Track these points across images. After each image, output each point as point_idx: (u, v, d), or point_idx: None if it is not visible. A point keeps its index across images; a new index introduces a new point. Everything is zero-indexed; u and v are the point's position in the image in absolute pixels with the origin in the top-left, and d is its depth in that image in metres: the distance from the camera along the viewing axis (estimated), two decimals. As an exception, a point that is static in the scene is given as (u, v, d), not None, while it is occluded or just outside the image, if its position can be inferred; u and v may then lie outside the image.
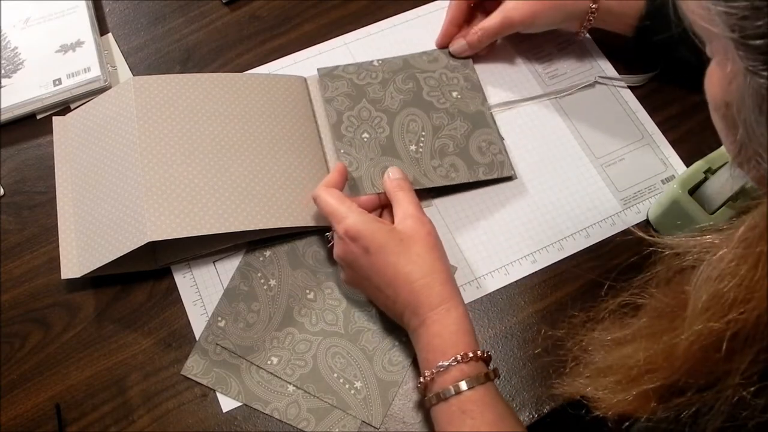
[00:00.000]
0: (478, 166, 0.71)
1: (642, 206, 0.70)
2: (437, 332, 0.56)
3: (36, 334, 0.65)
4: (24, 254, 0.68)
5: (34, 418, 0.61)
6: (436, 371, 0.55)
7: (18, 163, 0.72)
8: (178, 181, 0.64)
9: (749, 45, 0.35)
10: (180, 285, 0.66)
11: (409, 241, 0.59)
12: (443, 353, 0.55)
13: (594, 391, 0.48)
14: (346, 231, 0.59)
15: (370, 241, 0.58)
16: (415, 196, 0.64)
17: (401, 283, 0.58)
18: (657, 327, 0.45)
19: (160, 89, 0.68)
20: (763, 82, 0.35)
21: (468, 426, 0.53)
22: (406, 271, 0.58)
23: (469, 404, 0.53)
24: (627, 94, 0.76)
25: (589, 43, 0.78)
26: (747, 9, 0.34)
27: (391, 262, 0.58)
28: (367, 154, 0.69)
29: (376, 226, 0.59)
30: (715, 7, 0.36)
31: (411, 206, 0.62)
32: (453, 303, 0.58)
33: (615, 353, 0.48)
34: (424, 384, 0.56)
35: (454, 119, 0.73)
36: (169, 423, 0.61)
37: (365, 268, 0.59)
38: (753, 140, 0.38)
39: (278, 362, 0.63)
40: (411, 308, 0.58)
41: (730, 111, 0.39)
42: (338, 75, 0.74)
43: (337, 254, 0.61)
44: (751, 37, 0.35)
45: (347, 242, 0.59)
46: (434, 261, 0.59)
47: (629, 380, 0.46)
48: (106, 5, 0.82)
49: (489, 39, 0.74)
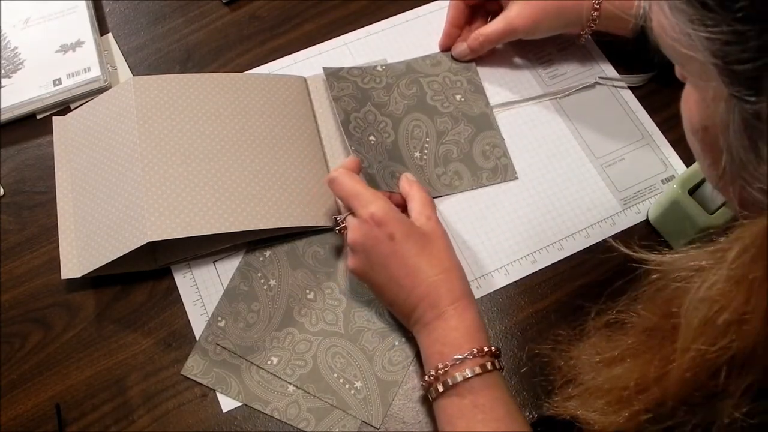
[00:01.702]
0: (482, 172, 0.71)
1: (642, 206, 0.70)
2: (455, 326, 0.57)
3: (36, 334, 0.65)
4: (24, 254, 0.68)
5: (34, 418, 0.61)
6: (451, 364, 0.55)
7: (18, 163, 0.72)
8: (178, 181, 0.64)
9: (734, 71, 0.34)
10: (180, 285, 0.66)
11: (430, 236, 0.60)
12: (459, 347, 0.56)
13: (585, 413, 0.47)
14: (372, 215, 0.59)
15: (396, 229, 0.58)
16: (430, 197, 0.64)
17: (422, 274, 0.58)
18: (646, 347, 0.45)
19: (160, 89, 0.68)
20: (748, 108, 0.34)
21: (479, 420, 0.53)
22: (429, 263, 0.58)
23: (480, 398, 0.54)
24: (627, 94, 0.76)
25: (589, 44, 0.78)
26: (730, 34, 0.33)
27: (414, 253, 0.58)
28: (376, 156, 0.69)
29: (401, 216, 0.60)
30: (695, 32, 0.35)
31: (427, 207, 0.62)
32: (470, 299, 0.59)
33: (604, 374, 0.47)
34: (434, 376, 0.56)
35: (458, 123, 0.73)
36: (169, 423, 0.61)
37: (385, 255, 0.59)
38: (739, 165, 0.37)
39: (278, 362, 0.63)
40: (429, 300, 0.58)
41: (709, 135, 0.38)
42: (343, 76, 0.74)
43: (354, 238, 0.60)
44: (736, 63, 0.34)
45: (371, 227, 0.59)
46: (452, 258, 0.60)
47: (620, 402, 0.45)
48: (106, 5, 0.82)
49: (491, 45, 0.74)
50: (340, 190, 0.62)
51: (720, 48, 0.34)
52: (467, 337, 0.56)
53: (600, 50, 0.78)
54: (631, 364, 0.45)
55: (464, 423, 0.54)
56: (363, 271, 0.61)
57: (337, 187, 0.62)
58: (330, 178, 0.62)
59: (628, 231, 0.69)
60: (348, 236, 0.61)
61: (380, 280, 0.60)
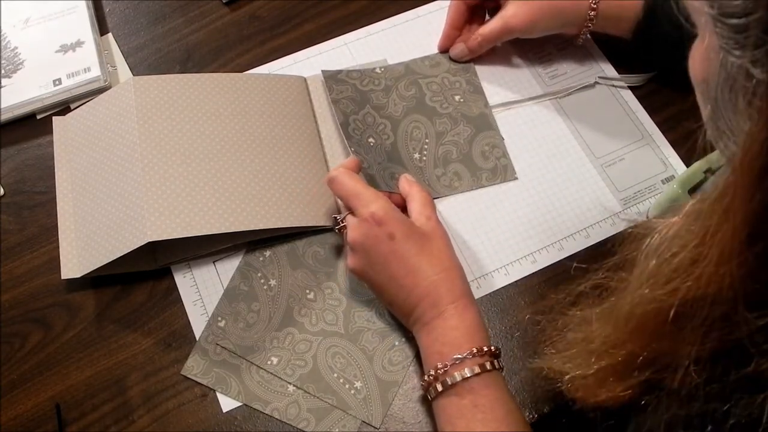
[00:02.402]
0: (482, 172, 0.71)
1: (642, 206, 0.70)
2: (455, 326, 0.57)
3: (36, 334, 0.65)
4: (24, 254, 0.68)
5: (34, 418, 0.61)
6: (450, 363, 0.55)
7: (18, 163, 0.72)
8: (178, 181, 0.64)
9: (725, 23, 0.35)
10: (180, 285, 0.66)
11: (430, 236, 0.60)
12: (459, 347, 0.56)
13: (560, 365, 0.49)
14: (372, 214, 0.59)
15: (396, 228, 0.59)
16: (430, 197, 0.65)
17: (422, 273, 0.58)
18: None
19: (160, 89, 0.68)
20: (734, 61, 0.35)
21: (479, 420, 0.53)
22: (429, 262, 0.58)
23: (480, 398, 0.54)
24: (627, 94, 0.76)
25: (589, 44, 0.78)
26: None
27: (414, 252, 0.58)
28: (375, 158, 0.69)
29: (401, 216, 0.60)
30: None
31: (427, 207, 0.63)
32: (470, 299, 0.59)
33: (582, 330, 0.49)
34: (434, 376, 0.56)
35: (457, 124, 0.73)
36: (169, 423, 0.61)
37: (385, 254, 0.59)
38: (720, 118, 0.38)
39: (278, 362, 0.63)
40: (430, 299, 0.58)
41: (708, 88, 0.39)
42: (342, 79, 0.74)
43: (354, 237, 0.60)
44: (728, 15, 0.35)
45: (371, 226, 0.59)
46: (452, 257, 0.60)
47: (590, 353, 0.46)
48: (106, 5, 0.82)
49: (489, 45, 0.74)
50: (341, 190, 0.62)
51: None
52: (467, 336, 0.56)
53: (600, 50, 0.78)
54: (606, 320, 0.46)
55: (464, 423, 0.54)
56: (363, 270, 0.61)
57: (338, 187, 0.62)
58: (330, 178, 0.62)
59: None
60: (348, 235, 0.61)
61: (380, 280, 0.60)
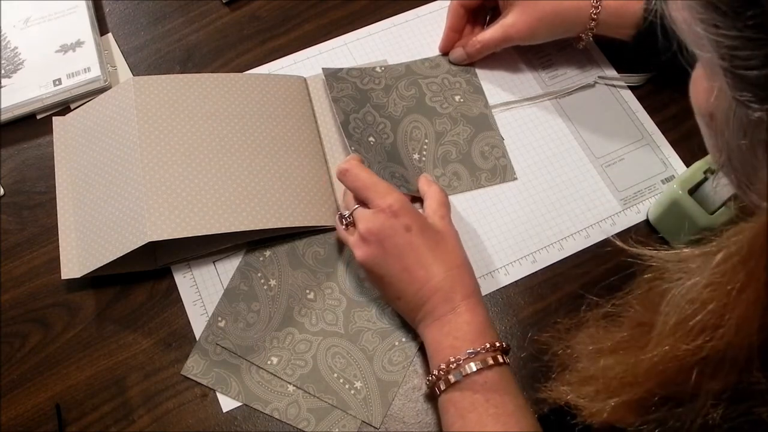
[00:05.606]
0: (481, 173, 0.71)
1: (642, 206, 0.70)
2: (468, 320, 0.57)
3: (36, 334, 0.65)
4: (24, 254, 0.68)
5: (34, 418, 0.61)
6: (464, 357, 0.55)
7: (18, 163, 0.72)
8: (178, 181, 0.64)
9: (739, 75, 0.34)
10: (180, 285, 0.66)
11: (443, 234, 0.61)
12: (472, 341, 0.56)
13: (575, 398, 0.49)
14: (390, 205, 0.59)
15: (412, 221, 0.59)
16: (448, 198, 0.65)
17: (436, 268, 0.58)
18: (636, 341, 0.46)
19: (160, 89, 0.68)
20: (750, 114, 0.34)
21: (491, 414, 0.54)
22: (442, 258, 0.59)
23: (492, 393, 0.54)
24: (627, 94, 0.76)
25: (589, 44, 0.78)
26: (738, 39, 0.33)
27: (430, 246, 0.59)
28: (375, 157, 0.69)
29: (416, 210, 0.61)
30: (704, 33, 0.34)
31: (443, 207, 0.63)
32: (480, 297, 0.60)
33: (597, 363, 0.48)
34: (446, 369, 0.56)
35: (457, 124, 0.73)
36: (169, 423, 0.61)
37: (401, 246, 0.59)
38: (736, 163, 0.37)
39: (278, 362, 0.63)
40: (442, 294, 0.58)
41: (715, 122, 0.38)
42: (342, 77, 0.74)
43: (368, 228, 0.59)
44: (742, 68, 0.33)
45: (387, 217, 0.59)
46: (464, 256, 0.61)
47: (608, 391, 0.46)
48: (106, 5, 0.82)
49: (487, 51, 0.75)
50: (355, 181, 0.61)
51: (728, 52, 0.34)
52: (479, 332, 0.57)
53: (600, 50, 0.78)
54: (622, 356, 0.46)
55: (475, 416, 0.54)
56: (374, 261, 0.60)
57: (351, 179, 0.61)
58: (342, 170, 0.62)
59: (627, 231, 0.69)
60: (360, 227, 0.60)
61: (392, 271, 0.59)
